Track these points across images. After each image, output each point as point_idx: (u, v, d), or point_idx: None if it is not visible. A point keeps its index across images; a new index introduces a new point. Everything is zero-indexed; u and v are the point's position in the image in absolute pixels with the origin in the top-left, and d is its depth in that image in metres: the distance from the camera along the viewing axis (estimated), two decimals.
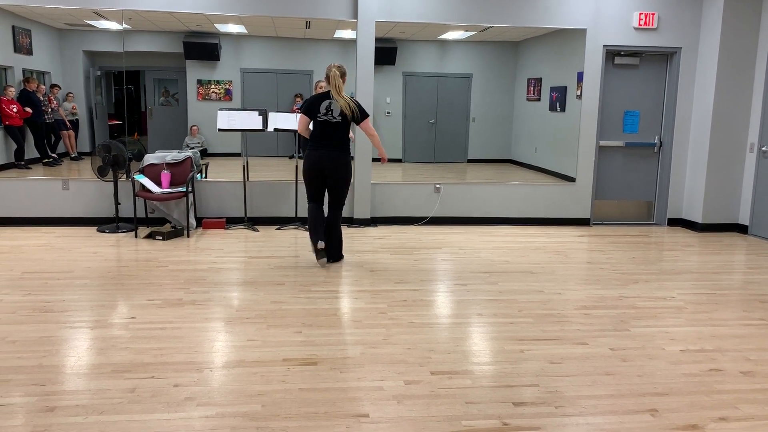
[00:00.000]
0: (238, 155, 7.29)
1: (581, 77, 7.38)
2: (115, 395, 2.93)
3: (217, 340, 3.67)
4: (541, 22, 7.15)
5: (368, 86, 7.00)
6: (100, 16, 7.20)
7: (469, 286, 4.91)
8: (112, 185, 6.61)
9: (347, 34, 8.74)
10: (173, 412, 2.80)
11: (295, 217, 7.10)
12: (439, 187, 7.37)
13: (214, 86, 10.15)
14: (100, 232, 6.51)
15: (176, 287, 4.66)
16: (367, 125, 5.25)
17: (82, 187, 6.83)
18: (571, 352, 3.61)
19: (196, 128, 9.78)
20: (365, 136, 5.46)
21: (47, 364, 3.27)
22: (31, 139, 7.78)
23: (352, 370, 3.28)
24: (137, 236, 6.34)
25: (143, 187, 6.42)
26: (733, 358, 3.60)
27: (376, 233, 6.82)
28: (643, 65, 7.52)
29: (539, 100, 8.93)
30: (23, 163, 7.59)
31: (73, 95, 8.45)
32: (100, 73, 9.02)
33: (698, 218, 7.44)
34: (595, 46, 7.25)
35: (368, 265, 5.47)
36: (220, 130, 6.72)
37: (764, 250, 6.51)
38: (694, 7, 7.28)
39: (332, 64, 5.15)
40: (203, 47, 9.77)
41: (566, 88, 7.98)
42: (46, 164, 7.99)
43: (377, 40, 6.97)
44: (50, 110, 8.01)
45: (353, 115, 5.13)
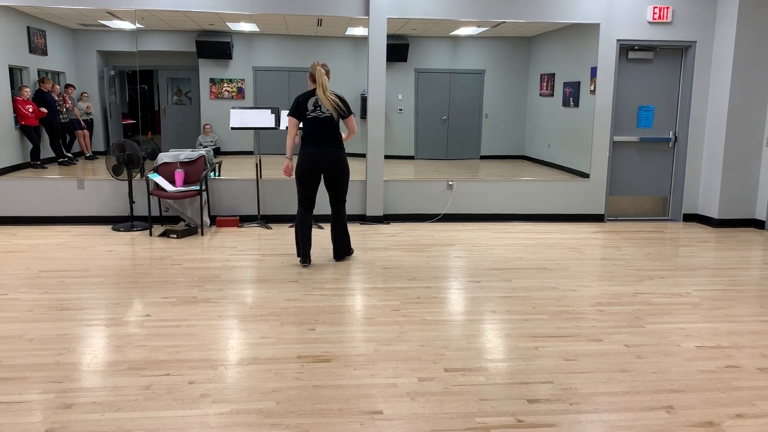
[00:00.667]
0: (251, 153, 7.33)
1: (595, 72, 7.33)
2: (131, 392, 2.96)
3: (231, 337, 3.68)
4: (554, 17, 7.11)
5: (380, 83, 6.99)
6: (113, 16, 7.25)
7: (482, 283, 4.90)
8: (126, 184, 6.66)
9: (359, 31, 8.74)
10: (188, 409, 2.81)
11: None
12: (451, 183, 7.35)
13: (226, 85, 10.19)
14: (115, 230, 6.56)
15: (190, 285, 4.69)
16: (351, 122, 5.21)
17: (97, 186, 6.89)
18: (585, 348, 3.59)
19: (209, 127, 9.82)
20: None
21: (64, 361, 3.30)
22: (46, 138, 7.85)
23: (365, 367, 3.29)
24: (152, 234, 6.38)
25: (157, 185, 6.46)
26: (749, 354, 3.56)
27: (388, 230, 6.82)
28: (657, 60, 7.45)
29: (552, 95, 8.88)
30: (39, 162, 7.66)
31: (87, 95, 8.51)
32: (113, 72, 9.08)
33: (714, 214, 7.37)
34: (608, 40, 7.20)
35: (381, 262, 5.47)
36: (232, 128, 6.75)
37: None
38: (709, 0, 7.21)
39: (316, 62, 5.09)
40: (216, 46, 9.80)
41: (580, 83, 7.92)
42: (61, 164, 8.06)
43: (389, 36, 6.96)
44: (65, 110, 8.08)
45: (339, 110, 5.10)
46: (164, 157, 6.75)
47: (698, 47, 7.32)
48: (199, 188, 6.45)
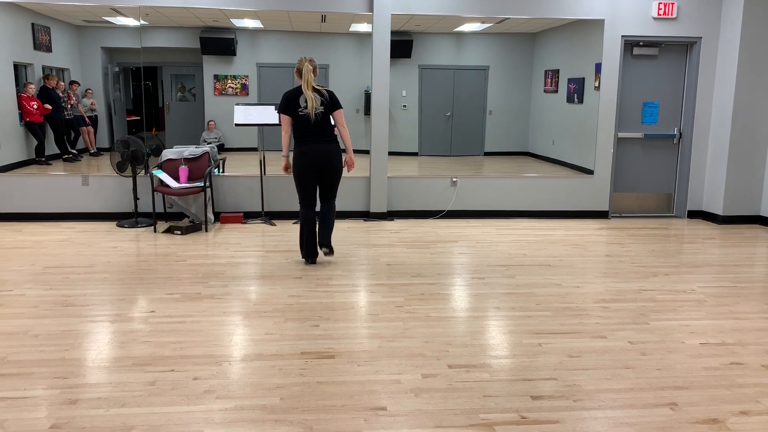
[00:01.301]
0: (255, 150, 7.32)
1: (599, 68, 7.31)
2: (135, 388, 2.97)
3: (235, 333, 3.69)
4: (558, 13, 7.08)
5: (384, 80, 6.98)
6: (117, 12, 7.26)
7: (486, 279, 4.89)
8: (130, 180, 6.67)
9: (363, 27, 8.72)
10: (193, 404, 2.82)
11: None
12: (455, 180, 7.35)
13: (230, 81, 10.20)
14: (119, 226, 6.58)
15: (195, 281, 4.70)
16: (340, 116, 5.06)
17: (101, 182, 6.90)
18: (589, 345, 3.59)
19: (213, 123, 9.83)
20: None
21: (69, 357, 3.31)
22: (51, 135, 7.86)
23: (369, 363, 3.29)
24: (156, 231, 6.40)
25: (161, 182, 6.47)
26: (754, 351, 3.55)
27: (392, 227, 6.82)
28: (662, 55, 7.42)
29: (557, 91, 8.86)
30: (44, 159, 7.68)
31: (91, 91, 8.53)
32: (118, 69, 9.09)
33: (719, 210, 7.34)
34: (613, 36, 7.17)
35: (385, 258, 5.47)
36: (236, 125, 6.75)
37: None
38: None
39: (303, 57, 4.98)
40: (219, 42, 9.81)
41: (584, 79, 7.90)
42: (66, 160, 8.08)
43: (393, 33, 6.95)
44: (69, 107, 8.09)
45: (326, 104, 4.98)
46: (168, 153, 6.76)
47: (703, 43, 7.29)
48: (203, 185, 6.46)
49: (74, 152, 8.27)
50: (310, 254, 5.22)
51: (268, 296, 4.38)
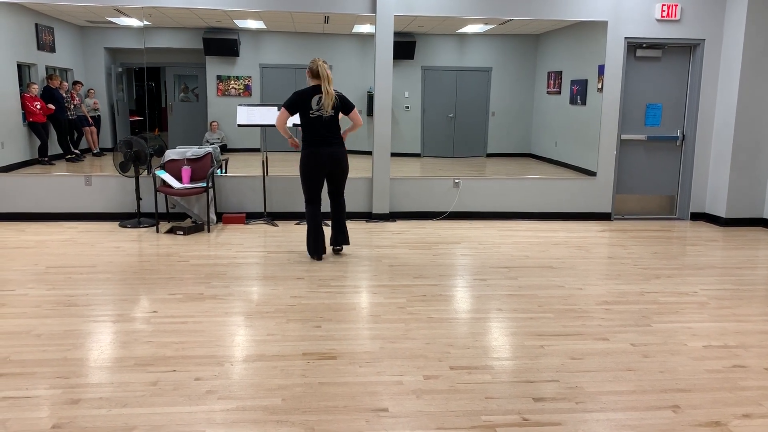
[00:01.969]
0: (257, 150, 7.33)
1: (602, 70, 7.30)
2: (137, 388, 2.97)
3: (237, 334, 3.69)
4: (561, 14, 7.08)
5: (387, 81, 6.99)
6: (121, 13, 7.27)
7: (488, 281, 4.89)
8: (133, 181, 6.68)
9: (366, 28, 8.72)
10: (195, 405, 2.82)
11: None
12: (458, 181, 7.34)
13: (233, 82, 10.20)
14: (122, 227, 6.59)
15: (197, 282, 4.71)
16: (356, 114, 5.26)
17: (104, 182, 6.91)
18: (592, 347, 3.58)
19: (215, 124, 9.83)
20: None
21: (71, 357, 3.32)
22: (54, 135, 7.88)
23: (371, 364, 3.29)
24: (158, 231, 6.40)
25: (164, 182, 6.48)
26: (757, 354, 3.54)
27: (394, 228, 6.82)
28: (665, 57, 7.41)
29: (560, 93, 8.85)
30: (47, 159, 7.69)
31: (94, 92, 8.54)
32: (121, 69, 9.10)
33: (722, 212, 7.33)
34: (616, 38, 7.16)
35: (387, 259, 5.47)
36: (239, 125, 6.76)
37: None
38: None
39: (317, 58, 5.09)
40: (222, 43, 9.81)
41: (587, 81, 7.89)
42: (69, 160, 8.09)
43: (396, 34, 6.95)
44: (73, 107, 8.10)
45: (338, 105, 5.12)
46: (171, 153, 6.77)
47: (707, 45, 7.28)
48: (205, 185, 6.47)
49: (77, 152, 8.28)
50: (317, 251, 5.37)
51: (270, 297, 4.38)
